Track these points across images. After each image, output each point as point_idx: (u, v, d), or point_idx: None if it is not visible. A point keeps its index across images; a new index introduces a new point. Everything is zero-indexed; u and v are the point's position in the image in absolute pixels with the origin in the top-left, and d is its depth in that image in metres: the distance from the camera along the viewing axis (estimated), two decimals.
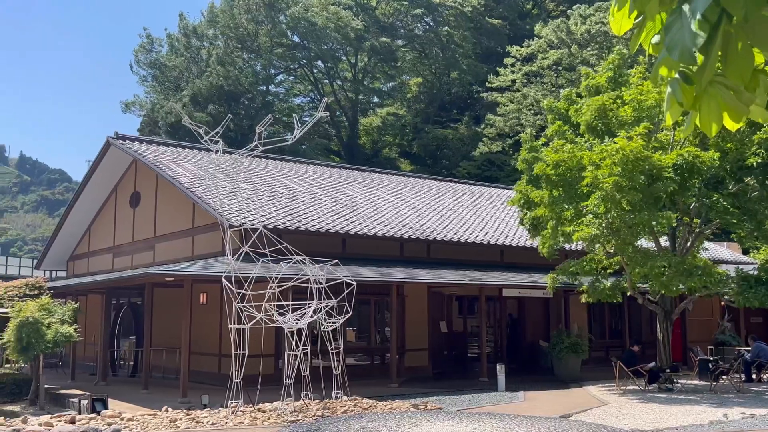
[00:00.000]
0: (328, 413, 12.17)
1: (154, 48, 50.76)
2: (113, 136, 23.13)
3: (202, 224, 19.51)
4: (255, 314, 12.65)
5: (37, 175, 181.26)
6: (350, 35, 46.49)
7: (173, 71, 48.21)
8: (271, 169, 25.14)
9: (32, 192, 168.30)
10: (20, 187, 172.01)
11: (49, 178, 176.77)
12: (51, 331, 15.50)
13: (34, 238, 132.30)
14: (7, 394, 17.21)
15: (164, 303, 19.71)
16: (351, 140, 50.31)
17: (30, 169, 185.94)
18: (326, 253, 15.40)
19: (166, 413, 12.29)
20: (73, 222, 26.83)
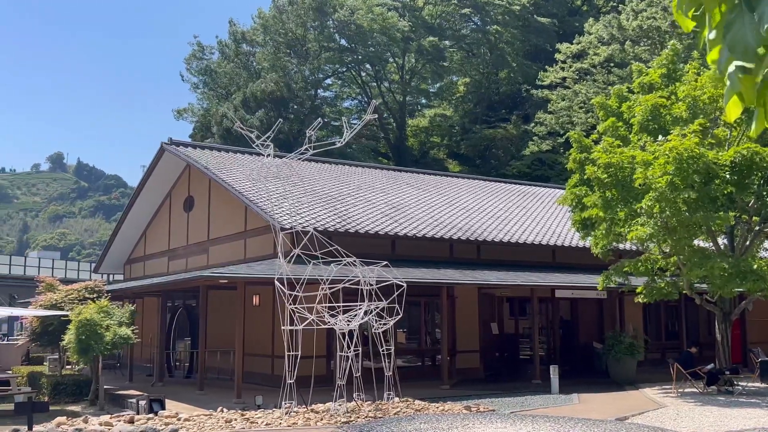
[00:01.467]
0: (380, 414, 12.20)
1: (205, 55, 51.68)
2: (167, 142, 23.63)
3: (254, 227, 19.78)
4: (307, 316, 12.77)
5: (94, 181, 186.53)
6: (397, 37, 46.55)
7: (224, 78, 49.00)
8: (320, 172, 25.34)
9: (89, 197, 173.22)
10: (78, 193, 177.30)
11: (106, 183, 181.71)
12: (109, 333, 15.90)
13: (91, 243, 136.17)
14: (68, 394, 17.71)
15: (218, 305, 20.06)
16: (399, 142, 50.35)
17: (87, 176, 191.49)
18: (375, 255, 15.44)
19: (221, 414, 12.50)
20: (129, 226, 27.51)
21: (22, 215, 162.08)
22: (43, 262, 63.01)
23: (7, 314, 21.11)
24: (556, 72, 41.80)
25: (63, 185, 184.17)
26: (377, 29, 46.49)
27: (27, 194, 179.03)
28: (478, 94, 50.99)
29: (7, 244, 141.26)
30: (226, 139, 42.75)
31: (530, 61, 47.62)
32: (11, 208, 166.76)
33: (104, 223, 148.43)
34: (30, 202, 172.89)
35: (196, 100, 53.48)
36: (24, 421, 10.75)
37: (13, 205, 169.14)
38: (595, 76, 40.12)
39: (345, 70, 51.43)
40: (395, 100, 51.43)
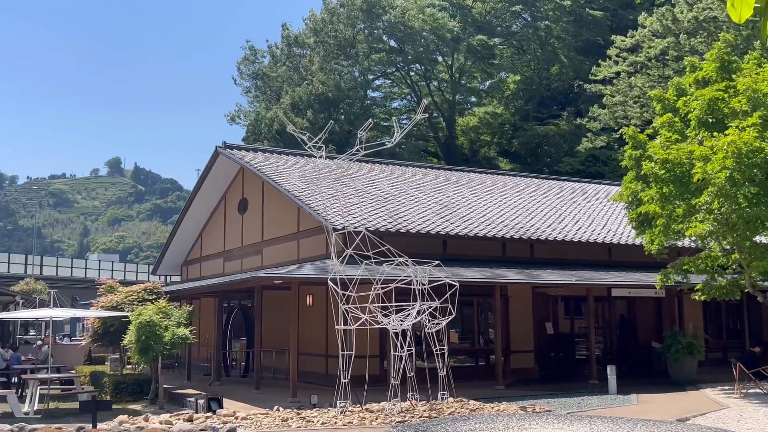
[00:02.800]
0: (434, 414, 12.18)
1: (257, 59, 52.40)
2: (221, 145, 24.05)
3: (307, 228, 19.97)
4: (360, 315, 12.83)
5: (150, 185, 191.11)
6: (446, 36, 46.38)
7: (275, 81, 49.61)
8: (371, 172, 25.43)
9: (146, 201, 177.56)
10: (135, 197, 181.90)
11: (162, 187, 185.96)
12: (168, 333, 16.24)
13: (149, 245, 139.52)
14: (129, 393, 18.18)
15: (273, 305, 20.30)
16: (448, 141, 50.17)
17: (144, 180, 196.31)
18: (427, 255, 15.41)
19: (277, 412, 12.66)
20: (185, 229, 28.10)
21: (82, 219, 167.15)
22: (103, 265, 64.87)
23: (69, 315, 21.78)
24: (610, 66, 41.01)
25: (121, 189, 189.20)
26: (428, 30, 46.42)
27: (87, 199, 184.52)
28: (529, 91, 50.43)
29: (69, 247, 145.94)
30: (277, 142, 43.33)
31: (582, 56, 46.86)
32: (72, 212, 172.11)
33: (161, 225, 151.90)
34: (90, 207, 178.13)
35: (248, 104, 54.27)
36: (88, 419, 11.08)
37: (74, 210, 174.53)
38: (650, 69, 39.23)
39: (394, 70, 51.50)
40: (444, 99, 51.26)
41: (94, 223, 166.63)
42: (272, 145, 41.85)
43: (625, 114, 39.08)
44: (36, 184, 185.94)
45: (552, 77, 49.28)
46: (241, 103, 56.09)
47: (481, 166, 41.63)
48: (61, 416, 15.00)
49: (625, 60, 40.31)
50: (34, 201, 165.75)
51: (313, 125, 40.48)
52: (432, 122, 49.78)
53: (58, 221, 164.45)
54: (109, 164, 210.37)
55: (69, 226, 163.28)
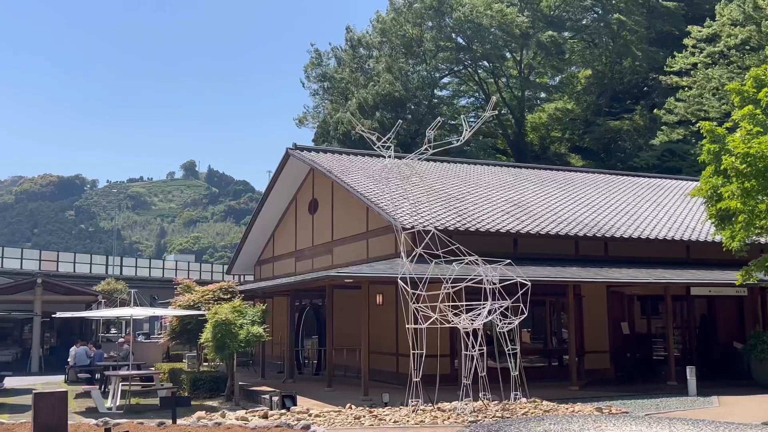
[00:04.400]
0: (507, 414, 12.05)
1: (323, 62, 52.99)
2: (291, 147, 24.43)
3: (376, 227, 20.07)
4: (430, 315, 12.81)
5: (223, 186, 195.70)
6: (515, 32, 45.77)
7: (341, 83, 50.04)
8: (439, 171, 25.36)
9: (220, 203, 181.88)
10: (209, 199, 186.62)
11: (235, 189, 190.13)
12: (243, 331, 16.59)
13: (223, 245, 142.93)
14: (206, 390, 18.65)
15: (343, 304, 20.47)
16: (518, 138, 49.52)
17: (218, 182, 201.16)
18: (497, 254, 15.25)
19: (350, 410, 12.77)
20: (258, 229, 28.69)
21: (159, 221, 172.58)
22: (179, 265, 66.84)
23: (149, 314, 22.55)
24: (686, 57, 39.64)
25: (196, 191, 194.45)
26: (495, 25, 45.93)
27: (163, 201, 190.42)
28: (601, 85, 49.27)
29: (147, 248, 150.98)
30: (345, 143, 43.69)
31: (656, 48, 45.46)
32: (149, 214, 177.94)
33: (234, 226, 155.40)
34: (166, 209, 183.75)
35: (315, 106, 54.96)
36: (168, 415, 11.44)
37: (151, 212, 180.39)
38: (729, 60, 37.73)
39: (462, 68, 51.17)
40: (513, 96, 50.62)
41: (171, 225, 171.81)
42: (340, 145, 42.24)
43: (702, 107, 37.72)
44: (115, 188, 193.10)
45: (625, 70, 47.98)
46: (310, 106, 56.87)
47: (552, 163, 40.92)
48: (141, 412, 15.52)
49: (701, 51, 38.90)
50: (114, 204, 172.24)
51: (380, 125, 40.64)
52: (501, 119, 49.25)
53: (136, 223, 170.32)
54: (185, 167, 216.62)
55: (147, 228, 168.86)
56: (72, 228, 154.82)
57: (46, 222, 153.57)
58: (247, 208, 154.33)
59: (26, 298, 29.21)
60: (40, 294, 28.93)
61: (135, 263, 62.63)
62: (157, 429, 9.55)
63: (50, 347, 32.56)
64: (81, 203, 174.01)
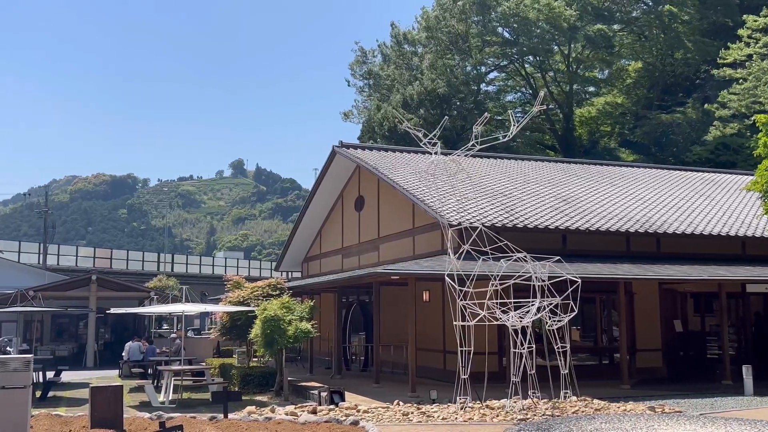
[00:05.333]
0: (557, 413, 11.91)
1: (368, 59, 53.10)
2: (338, 144, 24.55)
3: (422, 224, 20.03)
4: (478, 312, 12.73)
5: (271, 184, 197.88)
6: (563, 26, 45.11)
7: (386, 79, 50.05)
8: (486, 167, 25.18)
9: (268, 200, 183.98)
10: (257, 197, 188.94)
11: (282, 187, 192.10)
12: (291, 327, 16.75)
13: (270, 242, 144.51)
14: (255, 385, 18.88)
15: (390, 300, 20.51)
16: (566, 133, 48.83)
17: (265, 180, 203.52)
18: (545, 250, 15.08)
19: (398, 407, 12.79)
20: (305, 227, 28.92)
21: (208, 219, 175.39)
22: (228, 262, 67.92)
23: (200, 310, 22.93)
24: (741, 48, 38.49)
25: (244, 189, 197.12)
26: (542, 19, 45.36)
27: (213, 199, 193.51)
28: (652, 78, 48.22)
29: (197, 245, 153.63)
30: (390, 139, 43.69)
31: (709, 39, 44.27)
32: (199, 212, 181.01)
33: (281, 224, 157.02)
34: (215, 207, 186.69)
35: (361, 103, 55.11)
36: (219, 409, 11.61)
37: (201, 210, 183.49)
38: None
39: (508, 63, 50.68)
40: (561, 90, 49.92)
41: (220, 222, 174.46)
42: (385, 142, 42.28)
43: (757, 99, 36.59)
44: (166, 186, 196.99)
45: (676, 63, 46.87)
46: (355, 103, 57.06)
47: (602, 158, 40.24)
48: (193, 406, 15.80)
49: (757, 41, 37.71)
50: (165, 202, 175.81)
51: (425, 122, 40.54)
52: (548, 114, 48.63)
53: (186, 221, 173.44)
54: (233, 166, 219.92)
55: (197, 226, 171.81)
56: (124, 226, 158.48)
57: (100, 220, 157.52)
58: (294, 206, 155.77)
59: (81, 294, 29.98)
60: (95, 290, 29.65)
61: (186, 260, 63.79)
62: (209, 423, 9.70)
63: (104, 342, 33.44)
64: (133, 202, 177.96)
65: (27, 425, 7.54)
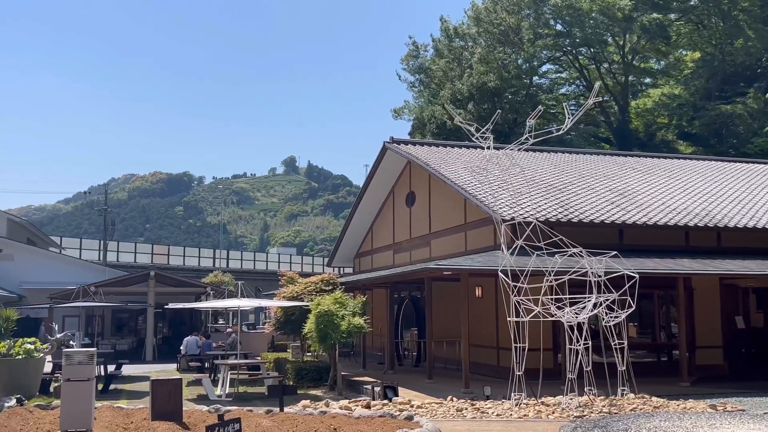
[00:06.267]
0: (615, 410, 11.71)
1: (420, 54, 52.94)
2: (389, 140, 24.57)
3: (474, 219, 19.90)
4: (532, 308, 12.59)
5: (322, 181, 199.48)
6: (618, 16, 44.17)
7: (437, 74, 49.84)
8: (539, 161, 24.88)
9: (319, 197, 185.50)
10: (309, 193, 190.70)
11: (333, 183, 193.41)
12: (344, 322, 16.86)
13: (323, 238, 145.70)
14: (310, 379, 19.07)
15: (442, 296, 20.46)
16: (621, 125, 47.84)
17: (317, 177, 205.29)
18: (601, 245, 14.82)
19: (451, 402, 12.75)
20: (356, 222, 29.06)
21: (262, 215, 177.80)
22: (282, 258, 68.75)
23: (255, 305, 23.29)
24: None
25: (296, 186, 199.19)
26: (596, 10, 44.50)
27: (266, 196, 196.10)
28: (710, 68, 46.82)
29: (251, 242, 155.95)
30: (440, 134, 43.53)
31: None
32: (253, 209, 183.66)
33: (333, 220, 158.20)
34: (269, 203, 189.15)
35: (412, 99, 55.02)
36: (274, 403, 11.77)
37: (255, 207, 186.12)
38: None
39: (561, 55, 49.91)
40: (616, 82, 48.91)
41: (273, 219, 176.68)
42: (436, 137, 42.13)
43: None
44: (221, 184, 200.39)
45: (736, 52, 45.40)
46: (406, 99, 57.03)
47: (659, 150, 39.30)
48: (249, 399, 16.04)
49: None
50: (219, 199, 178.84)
51: (475, 116, 40.24)
52: (603, 106, 47.71)
53: (240, 218, 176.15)
54: (285, 163, 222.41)
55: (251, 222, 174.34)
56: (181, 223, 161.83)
57: (157, 217, 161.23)
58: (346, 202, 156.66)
59: (140, 290, 30.72)
60: (153, 286, 30.34)
61: (240, 256, 64.84)
62: (265, 416, 9.84)
63: (163, 337, 34.21)
64: (189, 199, 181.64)
65: (91, 417, 7.78)
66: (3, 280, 32.39)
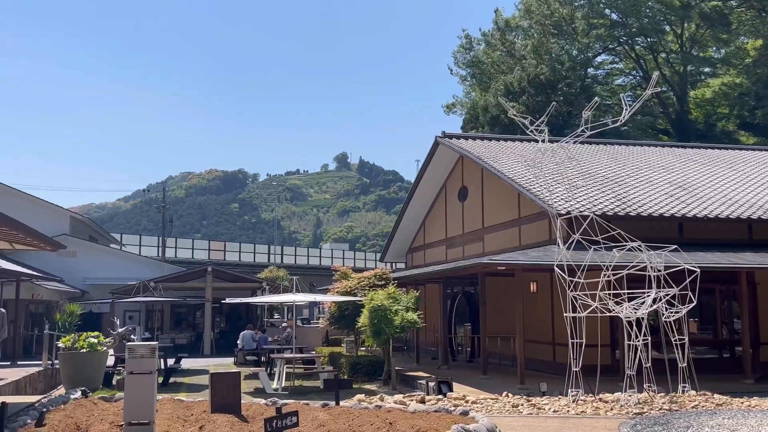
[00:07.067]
0: (675, 407, 11.44)
1: (473, 47, 52.54)
2: (440, 135, 24.47)
3: (528, 214, 19.68)
4: (589, 303, 12.39)
5: (374, 177, 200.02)
6: (675, 4, 43.01)
7: (489, 67, 49.39)
8: (595, 154, 24.45)
9: (371, 193, 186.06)
10: (361, 189, 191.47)
11: (384, 179, 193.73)
12: (398, 317, 16.87)
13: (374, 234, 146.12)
14: (364, 373, 19.16)
15: (495, 291, 20.31)
16: (680, 116, 46.60)
17: (368, 172, 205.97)
18: (660, 239, 14.49)
19: (507, 398, 12.65)
20: (408, 218, 29.04)
21: (315, 211, 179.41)
22: (334, 253, 69.20)
23: (309, 300, 23.50)
24: None
25: (348, 182, 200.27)
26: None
27: (318, 192, 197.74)
28: None
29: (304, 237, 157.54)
30: (493, 128, 43.14)
31: None
32: (306, 205, 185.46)
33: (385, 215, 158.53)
34: (321, 200, 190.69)
35: (464, 93, 54.65)
36: (330, 397, 11.87)
37: (308, 203, 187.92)
38: None
39: (616, 45, 48.87)
40: (674, 72, 47.65)
41: (326, 215, 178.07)
42: (489, 131, 41.77)
43: None
44: (275, 181, 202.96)
45: None
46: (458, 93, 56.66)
47: (719, 142, 38.17)
48: (305, 393, 16.23)
49: None
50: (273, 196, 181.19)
51: (528, 109, 39.75)
52: (661, 97, 46.56)
53: (294, 214, 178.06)
54: (337, 159, 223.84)
55: (304, 218, 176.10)
56: (236, 219, 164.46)
57: (213, 214, 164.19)
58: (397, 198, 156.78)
59: (198, 285, 31.33)
60: (211, 281, 30.90)
61: (294, 252, 65.48)
62: (321, 410, 9.94)
63: (220, 331, 34.85)
64: (244, 196, 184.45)
65: (154, 409, 7.97)
66: (67, 276, 33.49)
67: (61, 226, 35.00)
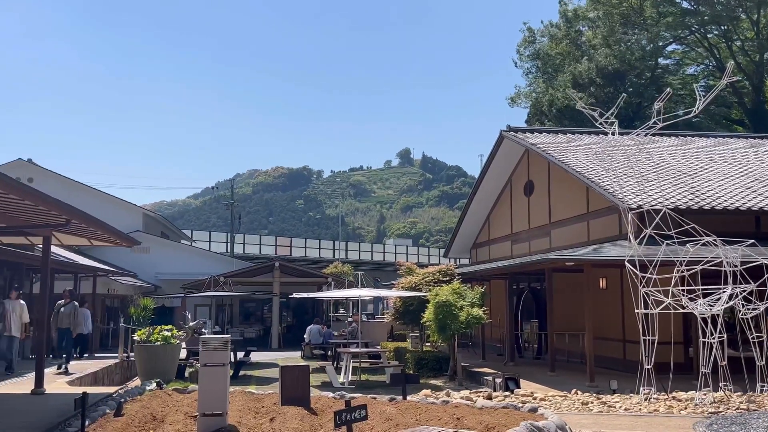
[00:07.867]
0: (753, 407, 11.05)
1: (537, 39, 51.76)
2: (505, 129, 24.22)
3: (597, 208, 19.29)
4: (662, 299, 12.07)
5: (437, 172, 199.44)
6: None
7: (555, 59, 48.56)
8: (666, 146, 23.78)
9: (434, 188, 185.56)
10: (424, 185, 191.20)
11: (447, 174, 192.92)
12: (463, 313, 16.80)
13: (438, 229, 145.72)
14: (429, 369, 19.19)
15: (562, 287, 20.00)
16: (756, 106, 44.78)
17: (431, 168, 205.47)
18: (736, 233, 13.99)
19: (576, 396, 12.46)
20: (473, 213, 28.86)
21: (378, 207, 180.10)
22: (398, 249, 69.34)
23: (374, 295, 23.68)
24: None
25: (411, 178, 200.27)
26: None
27: (382, 188, 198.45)
28: None
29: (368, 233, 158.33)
30: (560, 121, 42.41)
31: None
32: (369, 201, 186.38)
33: (448, 211, 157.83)
34: (384, 195, 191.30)
35: (528, 86, 53.83)
36: (395, 391, 11.94)
37: (371, 199, 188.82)
38: None
39: (688, 34, 47.32)
40: (750, 61, 45.82)
41: (389, 211, 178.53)
42: (555, 124, 41.10)
43: None
44: (338, 177, 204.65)
45: None
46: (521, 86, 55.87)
47: None
48: (371, 387, 16.33)
49: None
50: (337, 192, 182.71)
51: (596, 100, 38.90)
52: (736, 86, 44.85)
53: (357, 210, 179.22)
54: (400, 155, 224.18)
55: (367, 214, 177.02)
56: (301, 216, 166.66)
57: (279, 211, 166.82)
58: (460, 193, 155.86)
59: (266, 280, 31.93)
60: (278, 276, 31.44)
61: (358, 248, 65.98)
62: (389, 404, 9.99)
63: (287, 325, 35.45)
64: (309, 192, 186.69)
65: (226, 400, 8.17)
66: (140, 271, 34.63)
67: (134, 223, 36.17)
